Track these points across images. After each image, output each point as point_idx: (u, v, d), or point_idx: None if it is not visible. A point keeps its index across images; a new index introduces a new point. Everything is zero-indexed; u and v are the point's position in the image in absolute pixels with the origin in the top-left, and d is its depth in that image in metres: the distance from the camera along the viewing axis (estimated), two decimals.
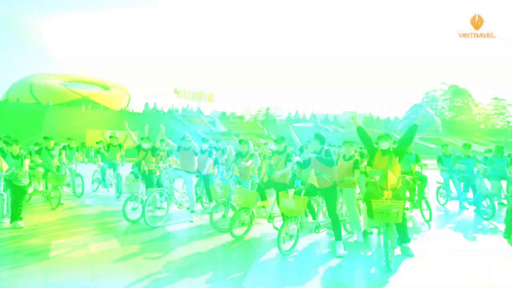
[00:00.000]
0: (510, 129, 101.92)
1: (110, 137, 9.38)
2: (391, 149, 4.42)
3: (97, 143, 10.04)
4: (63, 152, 8.42)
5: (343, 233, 4.60)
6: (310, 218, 5.11)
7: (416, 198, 6.27)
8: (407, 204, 5.79)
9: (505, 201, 7.77)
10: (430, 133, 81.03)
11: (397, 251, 4.13)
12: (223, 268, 3.66)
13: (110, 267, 3.68)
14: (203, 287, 3.16)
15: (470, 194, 7.21)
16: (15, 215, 5.24)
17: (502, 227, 5.60)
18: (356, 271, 3.68)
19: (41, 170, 6.80)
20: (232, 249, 4.40)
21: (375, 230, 5.02)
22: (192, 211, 6.11)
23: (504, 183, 7.68)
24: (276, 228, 5.00)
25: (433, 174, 8.49)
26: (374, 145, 4.62)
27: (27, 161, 5.49)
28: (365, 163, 5.19)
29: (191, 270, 3.60)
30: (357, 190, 5.09)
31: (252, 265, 3.77)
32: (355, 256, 4.20)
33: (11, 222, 5.24)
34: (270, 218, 5.14)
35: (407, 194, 5.87)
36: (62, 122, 44.37)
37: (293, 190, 5.21)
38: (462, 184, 7.39)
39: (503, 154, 7.77)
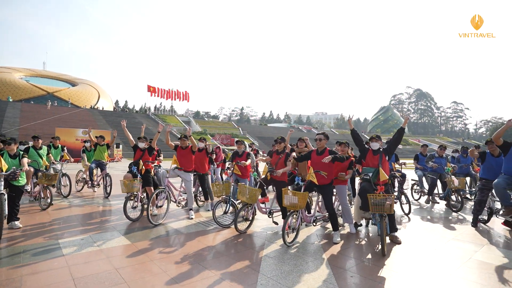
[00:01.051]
0: (467, 130, 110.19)
1: (97, 136, 9.26)
2: (381, 149, 4.96)
3: (84, 142, 9.84)
4: (49, 151, 8.24)
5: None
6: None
7: (396, 193, 6.94)
8: None
9: (468, 196, 8.74)
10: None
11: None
12: (237, 259, 3.96)
13: (130, 261, 3.85)
14: (227, 276, 3.44)
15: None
16: (13, 215, 5.20)
17: (469, 218, 6.41)
18: (355, 257, 4.13)
19: (31, 170, 6.65)
20: (240, 242, 4.69)
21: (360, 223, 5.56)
22: (190, 209, 6.33)
23: (467, 179, 8.64)
24: (275, 223, 5.43)
25: (409, 172, 9.28)
26: (365, 145, 5.15)
27: (25, 160, 5.42)
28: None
29: (209, 262, 3.86)
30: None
31: (263, 255, 4.10)
32: (350, 245, 4.68)
33: (8, 223, 5.18)
34: (270, 213, 5.52)
35: None
36: (25, 119, 41.58)
37: (289, 186, 5.66)
38: (433, 180, 8.20)
39: (467, 154, 8.72)
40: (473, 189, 8.33)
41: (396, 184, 6.71)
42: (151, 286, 3.18)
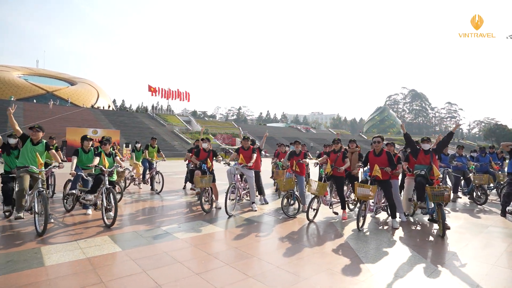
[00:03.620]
0: (461, 131, 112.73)
1: (152, 138, 10.00)
2: (431, 149, 5.84)
3: (136, 142, 10.50)
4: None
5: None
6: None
7: None
8: None
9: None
10: (393, 134, 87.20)
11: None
12: (326, 240, 4.79)
13: (237, 243, 4.62)
14: (328, 251, 4.24)
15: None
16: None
17: (494, 210, 7.34)
18: (418, 237, 4.98)
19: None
20: (317, 228, 5.54)
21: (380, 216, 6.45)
22: (253, 202, 7.12)
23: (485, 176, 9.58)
24: (335, 213, 6.33)
25: None
26: (417, 146, 6.02)
27: (118, 159, 6.17)
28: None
29: (305, 242, 4.67)
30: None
31: (346, 237, 4.93)
32: (409, 229, 5.53)
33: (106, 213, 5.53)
34: (330, 204, 6.39)
35: None
36: (29, 118, 41.70)
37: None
38: (457, 178, 9.11)
39: (486, 153, 9.70)
40: (491, 186, 9.27)
41: None
42: (270, 263, 3.97)
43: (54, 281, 3.16)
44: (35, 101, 54.41)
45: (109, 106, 67.20)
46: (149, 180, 9.83)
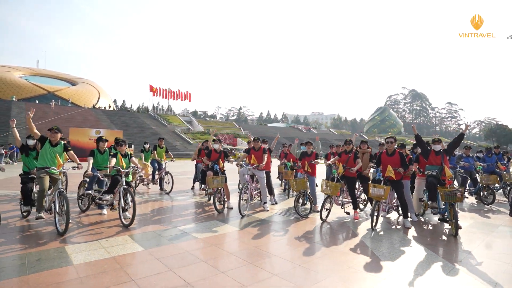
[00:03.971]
0: (461, 131, 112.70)
1: (160, 138, 10.09)
2: (441, 150, 5.94)
3: (145, 143, 10.57)
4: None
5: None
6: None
7: None
8: None
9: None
10: (394, 134, 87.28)
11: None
12: (342, 239, 4.89)
13: (255, 242, 4.72)
14: (346, 250, 4.34)
15: None
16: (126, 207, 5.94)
17: (502, 209, 7.44)
18: (430, 237, 5.07)
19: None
20: (331, 228, 5.63)
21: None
22: (265, 202, 7.22)
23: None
24: (347, 213, 6.43)
25: None
26: (428, 147, 6.11)
27: (134, 159, 6.28)
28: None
29: (318, 241, 4.76)
30: None
31: (360, 236, 5.03)
32: (421, 228, 5.62)
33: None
34: (342, 204, 6.48)
35: None
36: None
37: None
38: (464, 178, 9.21)
39: (492, 154, 9.80)
40: (497, 186, 9.36)
41: None
42: (291, 261, 4.07)
43: (86, 279, 3.26)
44: (37, 101, 54.43)
45: (109, 106, 67.26)
46: (158, 180, 9.92)
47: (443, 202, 5.46)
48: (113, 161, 5.89)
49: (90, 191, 6.19)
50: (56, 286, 3.09)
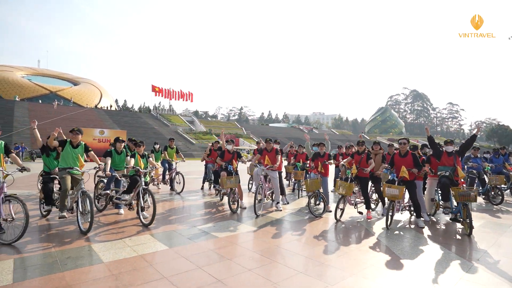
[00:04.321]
0: (462, 131, 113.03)
1: (170, 138, 10.22)
2: (453, 151, 6.05)
3: (155, 144, 10.67)
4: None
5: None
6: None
7: None
8: None
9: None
10: (395, 134, 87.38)
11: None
12: (361, 238, 5.01)
13: (273, 242, 4.83)
14: (365, 248, 4.45)
15: None
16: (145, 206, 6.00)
17: (511, 210, 7.54)
18: (445, 236, 5.18)
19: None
20: (347, 227, 5.74)
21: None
22: (278, 202, 7.33)
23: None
24: (360, 213, 6.55)
25: None
26: (440, 148, 6.22)
27: (151, 160, 6.42)
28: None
29: (337, 240, 4.87)
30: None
31: (376, 235, 5.14)
32: (435, 228, 5.73)
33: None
34: (355, 205, 6.60)
35: None
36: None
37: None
38: (472, 178, 9.32)
39: (499, 155, 9.90)
40: (504, 186, 9.45)
41: None
42: (315, 260, 4.18)
43: (120, 276, 3.37)
44: (40, 101, 54.59)
45: (111, 106, 67.39)
46: (168, 180, 10.04)
47: (456, 202, 5.58)
48: (132, 161, 6.01)
49: (108, 191, 6.31)
50: (93, 282, 3.20)
